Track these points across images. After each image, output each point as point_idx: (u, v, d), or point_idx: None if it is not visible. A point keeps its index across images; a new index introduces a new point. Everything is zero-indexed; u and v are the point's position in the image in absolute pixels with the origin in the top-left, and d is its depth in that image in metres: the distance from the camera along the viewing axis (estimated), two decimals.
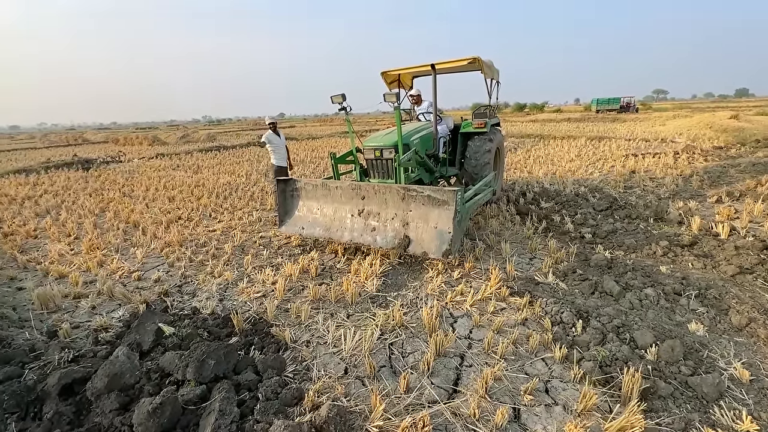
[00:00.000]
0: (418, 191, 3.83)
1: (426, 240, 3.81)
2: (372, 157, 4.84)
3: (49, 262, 4.59)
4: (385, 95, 4.17)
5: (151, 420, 1.95)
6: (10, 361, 2.61)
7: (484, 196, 4.94)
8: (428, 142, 5.21)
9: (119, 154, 17.58)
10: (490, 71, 5.66)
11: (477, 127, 5.77)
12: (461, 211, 3.73)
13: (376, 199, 4.21)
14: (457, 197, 3.62)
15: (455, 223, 3.63)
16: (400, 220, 4.02)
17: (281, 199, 4.91)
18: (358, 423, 2.11)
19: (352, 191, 4.36)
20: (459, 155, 6.08)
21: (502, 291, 3.44)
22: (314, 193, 4.70)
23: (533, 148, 13.73)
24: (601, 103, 41.71)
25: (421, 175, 5.06)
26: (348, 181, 4.44)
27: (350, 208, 4.42)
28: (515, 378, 2.46)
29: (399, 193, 3.99)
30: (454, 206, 3.61)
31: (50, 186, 9.70)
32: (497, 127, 6.51)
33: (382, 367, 2.60)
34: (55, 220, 6.45)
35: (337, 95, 4.46)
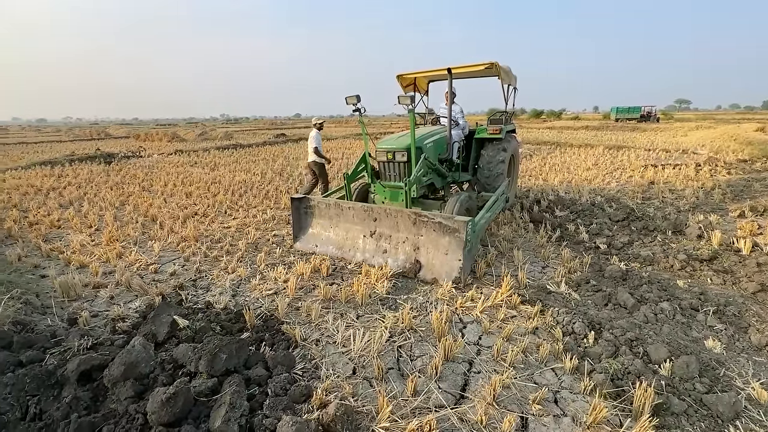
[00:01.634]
0: (429, 218, 3.82)
1: (437, 266, 3.83)
2: (384, 159, 4.81)
3: (71, 251, 4.74)
4: (400, 97, 4.11)
5: (164, 409, 2.00)
6: (32, 346, 2.72)
7: (497, 209, 4.85)
8: (442, 147, 5.18)
9: (140, 150, 18.03)
10: (507, 77, 5.59)
11: (492, 133, 5.72)
12: (471, 240, 3.71)
13: (388, 221, 4.21)
14: (468, 227, 3.58)
15: (465, 252, 3.63)
16: (412, 244, 4.03)
17: (295, 216, 4.94)
18: (365, 423, 2.12)
19: (365, 213, 4.37)
20: (472, 161, 6.04)
21: (513, 298, 3.41)
22: (327, 212, 4.72)
23: (549, 155, 13.57)
24: (620, 112, 40.95)
25: (434, 180, 5.04)
26: (360, 203, 4.46)
27: (362, 229, 4.43)
28: (524, 387, 2.44)
29: (410, 218, 3.98)
30: (465, 235, 3.59)
31: (74, 178, 10.02)
32: (512, 134, 6.43)
33: (390, 369, 2.61)
34: (77, 212, 6.66)
35: (352, 96, 4.45)
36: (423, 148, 4.67)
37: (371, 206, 4.33)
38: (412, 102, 4.08)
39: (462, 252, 3.62)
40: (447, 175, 5.21)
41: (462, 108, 5.88)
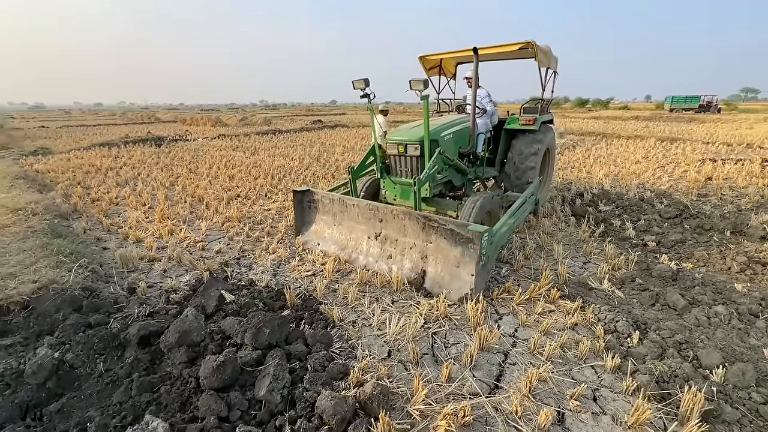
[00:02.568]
0: (440, 223, 3.32)
1: (445, 279, 3.34)
2: (395, 152, 4.27)
3: (128, 227, 5.12)
4: (411, 81, 3.55)
5: (215, 375, 2.15)
6: (98, 310, 3.00)
7: (523, 214, 4.25)
8: (462, 139, 4.60)
9: (186, 133, 18.95)
10: (545, 59, 4.86)
11: (524, 123, 5.04)
12: (488, 252, 3.19)
13: (395, 224, 3.73)
14: (484, 239, 3.06)
15: (479, 267, 3.12)
16: (419, 252, 3.56)
17: (298, 210, 4.60)
18: (400, 404, 2.18)
19: (370, 212, 3.93)
20: (500, 155, 5.38)
21: (552, 293, 3.33)
22: (331, 207, 4.33)
23: (594, 146, 12.88)
24: (676, 101, 37.97)
25: (451, 177, 4.48)
26: (366, 201, 3.99)
27: (367, 230, 4.01)
28: (561, 381, 2.40)
29: (419, 222, 3.51)
30: (479, 249, 3.06)
31: (128, 159, 10.73)
32: (549, 125, 5.74)
33: (425, 354, 2.65)
34: (132, 190, 7.16)
35: (359, 80, 3.93)
36: (439, 141, 4.16)
37: (377, 205, 3.87)
38: (425, 86, 3.54)
39: (476, 266, 3.10)
40: (468, 171, 4.64)
41: (489, 92, 5.21)
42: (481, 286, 3.22)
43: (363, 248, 4.00)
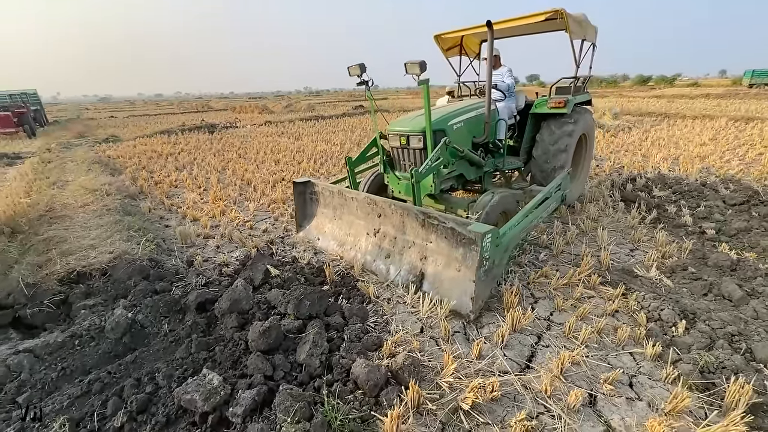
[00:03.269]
0: (440, 220, 2.96)
1: (445, 283, 2.98)
2: (397, 144, 3.88)
3: (186, 207, 5.59)
4: (407, 65, 3.17)
5: (261, 338, 2.38)
6: (163, 279, 3.36)
7: (542, 212, 3.67)
8: (477, 127, 4.11)
9: (236, 121, 19.93)
10: (579, 30, 4.19)
11: (554, 106, 4.40)
12: (493, 256, 2.77)
13: (393, 220, 3.40)
14: (486, 240, 2.63)
15: (480, 273, 2.69)
16: (418, 252, 3.22)
17: (299, 202, 4.30)
18: (430, 376, 2.28)
19: (368, 206, 3.61)
20: (526, 143, 4.77)
21: (592, 279, 3.24)
22: (331, 200, 4.04)
23: (653, 128, 11.88)
24: (757, 76, 33.72)
25: (462, 170, 4.01)
26: (364, 194, 3.66)
27: (366, 226, 3.68)
28: (596, 366, 2.37)
29: (418, 219, 3.16)
30: (480, 251, 2.63)
31: (185, 145, 11.54)
32: (586, 107, 5.00)
33: (457, 332, 2.72)
34: (189, 174, 7.75)
35: (354, 66, 3.55)
36: (447, 131, 3.73)
37: (375, 199, 3.54)
38: (421, 69, 3.12)
39: (476, 272, 2.68)
40: (484, 164, 4.16)
41: (511, 70, 4.65)
42: (483, 294, 2.81)
43: (362, 245, 3.70)
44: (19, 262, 3.61)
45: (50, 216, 4.90)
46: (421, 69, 3.14)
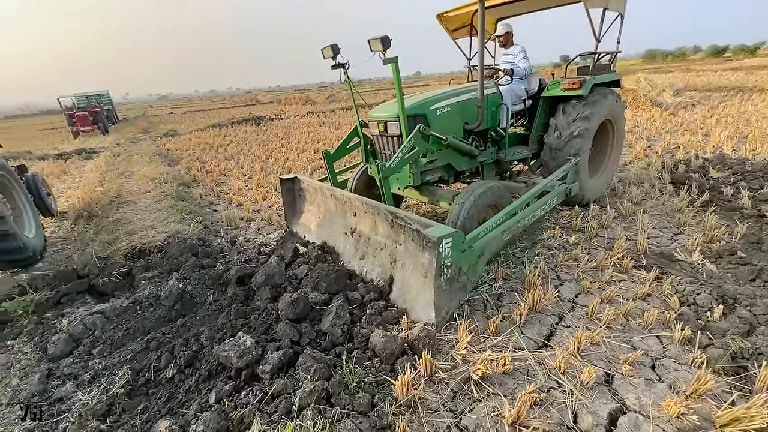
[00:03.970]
0: (407, 221, 2.65)
1: (412, 290, 2.67)
2: (377, 132, 3.64)
3: (232, 193, 6.05)
4: (370, 41, 2.85)
5: (290, 308, 2.60)
6: (209, 256, 3.73)
7: (538, 209, 3.31)
8: (467, 112, 3.68)
9: (280, 113, 20.75)
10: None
11: (568, 88, 3.89)
12: (457, 263, 2.45)
13: (366, 219, 3.15)
14: (444, 245, 2.30)
15: (440, 282, 2.38)
16: (389, 254, 2.92)
17: (288, 200, 4.08)
18: (445, 349, 2.38)
19: (344, 204, 3.39)
20: (536, 130, 4.27)
21: (624, 262, 3.12)
22: (315, 197, 3.83)
23: (721, 104, 10.72)
24: None
25: (450, 160, 3.64)
26: (340, 191, 3.44)
27: (344, 224, 3.46)
28: (617, 347, 2.33)
29: (387, 219, 2.86)
30: (438, 258, 2.31)
31: (234, 137, 12.30)
32: (610, 89, 4.31)
33: (476, 310, 2.77)
34: (236, 163, 8.30)
35: (327, 47, 3.27)
36: (429, 116, 3.41)
37: (350, 196, 3.29)
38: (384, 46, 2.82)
39: (434, 281, 2.36)
40: (477, 153, 3.76)
41: (525, 50, 4.19)
42: (446, 305, 2.49)
43: (341, 244, 3.48)
44: (93, 240, 4.18)
45: (118, 201, 5.55)
46: (383, 45, 2.84)
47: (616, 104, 4.29)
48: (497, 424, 1.85)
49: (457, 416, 1.94)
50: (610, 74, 4.26)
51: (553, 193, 3.51)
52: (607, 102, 4.10)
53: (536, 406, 1.94)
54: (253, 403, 1.96)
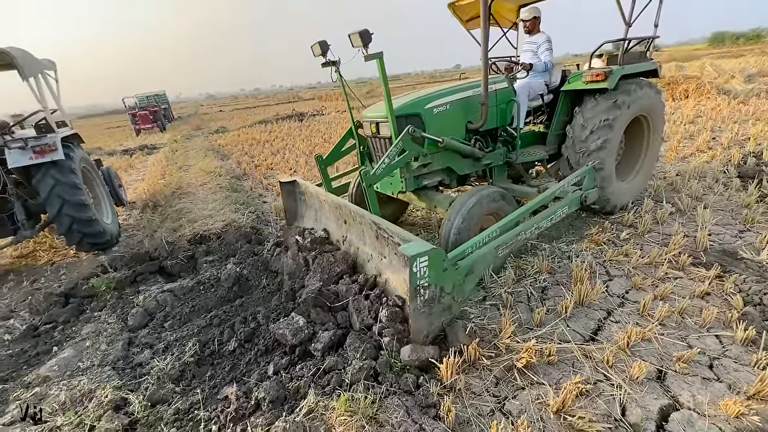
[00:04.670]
0: (389, 233, 2.43)
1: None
2: (370, 133, 3.46)
3: None
4: (351, 36, 2.68)
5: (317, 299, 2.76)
6: (261, 243, 4.00)
7: (545, 219, 2.95)
8: (470, 110, 3.36)
9: (322, 109, 21.27)
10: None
11: (591, 81, 3.47)
12: (438, 282, 2.18)
13: (355, 228, 2.98)
14: (419, 265, 2.03)
15: (416, 304, 2.14)
16: (375, 267, 2.74)
17: (289, 203, 3.91)
18: (488, 337, 2.42)
19: (336, 210, 3.20)
20: (555, 128, 3.86)
21: (681, 259, 2.97)
22: (312, 202, 3.69)
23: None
24: None
25: (450, 163, 3.36)
26: (333, 197, 3.25)
27: (337, 231, 3.30)
28: (670, 344, 2.26)
29: (372, 229, 2.67)
30: (412, 278, 2.05)
31: (278, 133, 12.82)
32: (643, 80, 3.77)
33: (519, 302, 2.78)
34: (282, 158, 8.68)
35: (315, 44, 3.12)
36: (424, 115, 3.14)
37: (341, 203, 3.10)
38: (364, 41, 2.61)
39: (411, 302, 2.13)
40: (481, 155, 3.42)
41: (550, 39, 3.75)
42: (424, 329, 2.23)
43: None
44: (160, 227, 4.61)
45: (179, 193, 6.05)
46: (363, 40, 2.61)
47: (652, 97, 3.77)
48: (541, 411, 1.88)
49: (500, 401, 1.98)
50: (643, 63, 3.77)
51: (564, 201, 3.07)
52: (640, 95, 3.61)
53: (582, 396, 1.94)
54: (308, 376, 2.13)
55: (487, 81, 3.09)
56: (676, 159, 5.57)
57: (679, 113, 8.79)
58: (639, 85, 3.63)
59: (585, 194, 3.24)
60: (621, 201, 3.85)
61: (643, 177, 4.16)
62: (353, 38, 2.66)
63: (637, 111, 3.69)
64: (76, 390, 2.21)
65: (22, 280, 4.07)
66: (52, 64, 4.72)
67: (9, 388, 2.38)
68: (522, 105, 3.59)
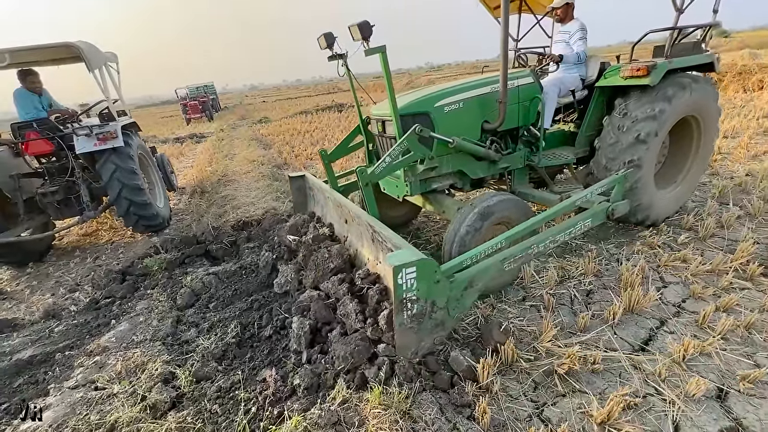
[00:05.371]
0: (384, 238, 2.25)
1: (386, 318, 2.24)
2: (376, 132, 3.28)
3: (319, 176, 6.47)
4: (351, 28, 2.49)
5: None
6: None
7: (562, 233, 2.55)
8: (489, 108, 3.07)
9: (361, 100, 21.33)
10: None
11: (631, 76, 3.03)
12: (429, 296, 1.96)
13: (354, 228, 2.80)
14: (406, 276, 1.82)
15: (402, 321, 1.93)
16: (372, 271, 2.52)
17: (299, 197, 3.86)
18: (527, 340, 2.33)
19: (339, 209, 3.06)
20: (587, 128, 3.48)
21: (750, 268, 2.70)
22: (319, 197, 3.59)
23: None
24: None
25: (461, 166, 3.13)
26: (337, 195, 3.10)
27: (339, 230, 3.17)
28: (734, 361, 2.06)
29: (368, 231, 2.49)
30: (397, 291, 1.84)
31: (318, 123, 13.03)
32: (695, 75, 3.32)
33: (561, 305, 2.66)
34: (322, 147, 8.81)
35: (321, 37, 2.99)
36: (433, 114, 2.90)
37: (343, 202, 2.95)
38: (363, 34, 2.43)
39: (396, 316, 1.92)
40: (497, 158, 3.14)
41: (585, 27, 3.36)
42: (411, 346, 2.02)
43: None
44: (207, 212, 4.85)
45: (225, 180, 6.32)
46: (362, 33, 2.42)
47: (704, 95, 3.27)
48: (584, 421, 1.79)
49: (538, 407, 1.91)
50: (697, 56, 3.28)
51: (588, 213, 2.67)
52: (690, 93, 3.13)
53: (629, 410, 1.83)
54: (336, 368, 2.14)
55: (506, 76, 2.78)
56: (746, 157, 5.05)
57: (751, 106, 7.95)
58: (689, 82, 3.17)
59: (613, 207, 2.75)
60: (663, 213, 3.42)
61: (688, 187, 3.65)
62: (353, 30, 2.48)
63: (686, 111, 3.23)
64: (130, 361, 2.39)
65: (86, 256, 4.45)
66: (114, 56, 5.05)
67: (74, 354, 2.61)
68: (550, 102, 3.26)
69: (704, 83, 3.29)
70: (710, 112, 3.43)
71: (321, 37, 3.02)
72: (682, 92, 3.10)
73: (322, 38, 3.01)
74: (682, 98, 3.10)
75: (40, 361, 2.61)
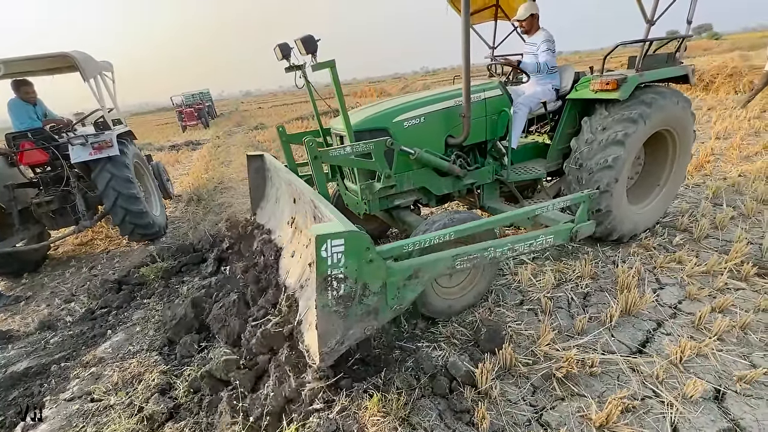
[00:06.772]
0: (322, 214, 2.09)
1: (309, 318, 2.00)
2: (336, 146, 3.08)
3: None
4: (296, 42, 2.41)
5: None
6: None
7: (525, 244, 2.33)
8: (453, 123, 2.96)
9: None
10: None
11: (601, 89, 2.93)
12: (360, 277, 1.75)
13: (302, 207, 2.61)
14: (332, 248, 1.62)
15: (325, 302, 1.70)
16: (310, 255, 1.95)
17: (257, 180, 3.66)
18: (525, 344, 2.33)
19: (288, 187, 2.86)
20: (558, 142, 3.35)
21: (744, 268, 2.72)
22: (276, 177, 3.36)
23: None
24: None
25: (426, 183, 3.00)
26: (286, 170, 2.97)
27: (289, 212, 2.92)
28: (731, 362, 2.07)
29: (311, 209, 2.32)
30: (319, 264, 1.62)
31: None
32: (668, 89, 3.17)
33: (559, 308, 2.66)
34: None
35: (276, 47, 2.85)
36: (392, 129, 2.77)
37: (292, 180, 2.80)
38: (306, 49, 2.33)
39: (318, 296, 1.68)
40: (462, 174, 3.02)
41: (551, 38, 3.22)
42: (336, 333, 1.78)
43: (283, 236, 2.96)
44: (203, 220, 4.83)
45: (221, 187, 6.31)
46: (306, 48, 2.31)
47: (678, 107, 3.11)
48: (583, 425, 1.79)
49: (537, 411, 1.91)
50: (671, 68, 3.15)
51: (552, 229, 2.50)
52: (663, 106, 2.99)
53: (628, 412, 1.83)
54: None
55: (469, 89, 2.67)
56: (738, 158, 5.10)
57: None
58: (662, 95, 3.03)
59: (577, 228, 2.52)
60: (633, 228, 3.27)
61: (664, 200, 3.48)
62: (298, 45, 2.39)
63: (659, 125, 3.07)
64: (127, 372, 2.37)
65: (81, 266, 4.42)
66: (109, 65, 5.05)
67: (70, 366, 2.59)
68: (518, 122, 3.13)
69: (676, 96, 3.14)
70: (685, 125, 3.28)
71: (276, 48, 2.86)
72: (655, 104, 2.96)
73: (277, 49, 2.85)
74: (655, 111, 2.96)
75: (35, 372, 2.58)
